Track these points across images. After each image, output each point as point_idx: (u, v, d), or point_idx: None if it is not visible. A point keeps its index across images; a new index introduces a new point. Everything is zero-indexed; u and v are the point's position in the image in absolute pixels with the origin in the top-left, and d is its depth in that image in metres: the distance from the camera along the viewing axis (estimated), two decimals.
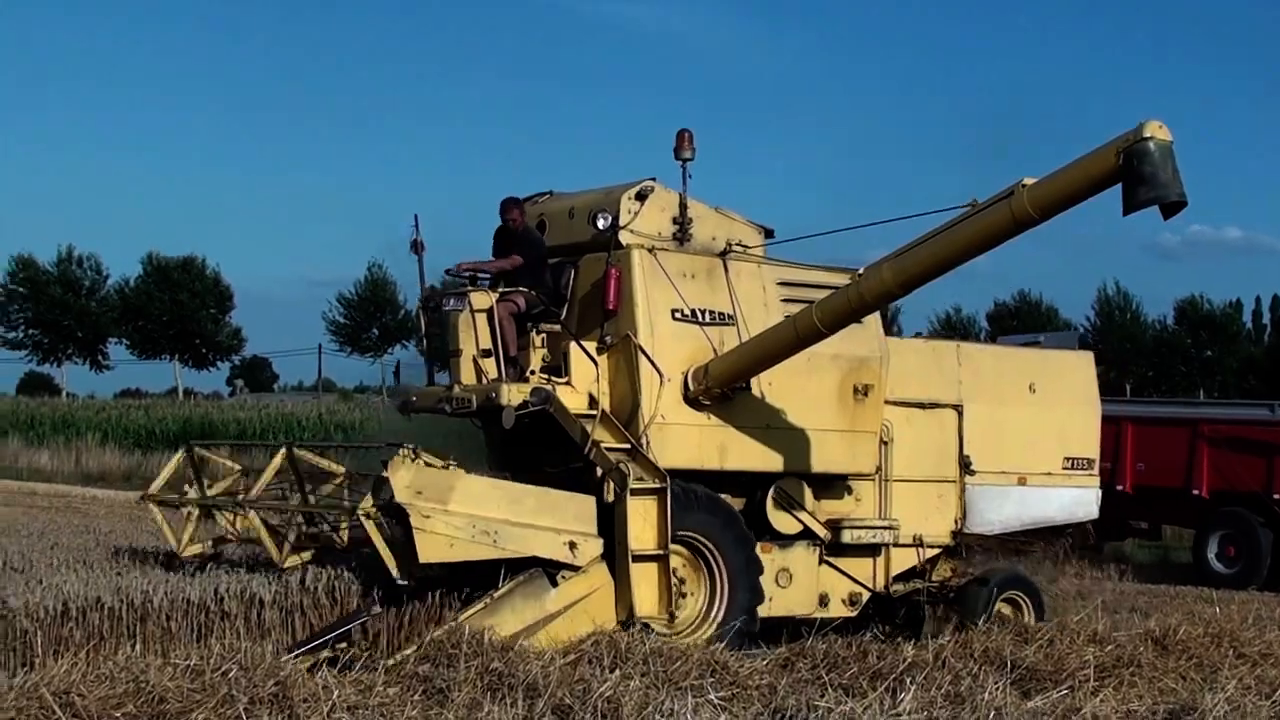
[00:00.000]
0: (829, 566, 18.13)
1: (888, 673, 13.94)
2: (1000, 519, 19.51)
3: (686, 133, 17.28)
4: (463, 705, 12.04)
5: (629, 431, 16.33)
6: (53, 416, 71.06)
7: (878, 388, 18.00)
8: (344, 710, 11.58)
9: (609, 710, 11.85)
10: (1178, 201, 13.91)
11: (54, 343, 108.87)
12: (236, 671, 12.08)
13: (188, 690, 11.66)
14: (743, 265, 17.51)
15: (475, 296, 16.80)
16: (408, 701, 12.10)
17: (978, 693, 12.77)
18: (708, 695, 12.57)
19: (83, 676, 11.74)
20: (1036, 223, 14.70)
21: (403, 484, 14.88)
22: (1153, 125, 13.86)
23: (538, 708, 11.92)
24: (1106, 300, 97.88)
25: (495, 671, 13.01)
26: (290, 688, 11.88)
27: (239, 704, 11.50)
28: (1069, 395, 20.33)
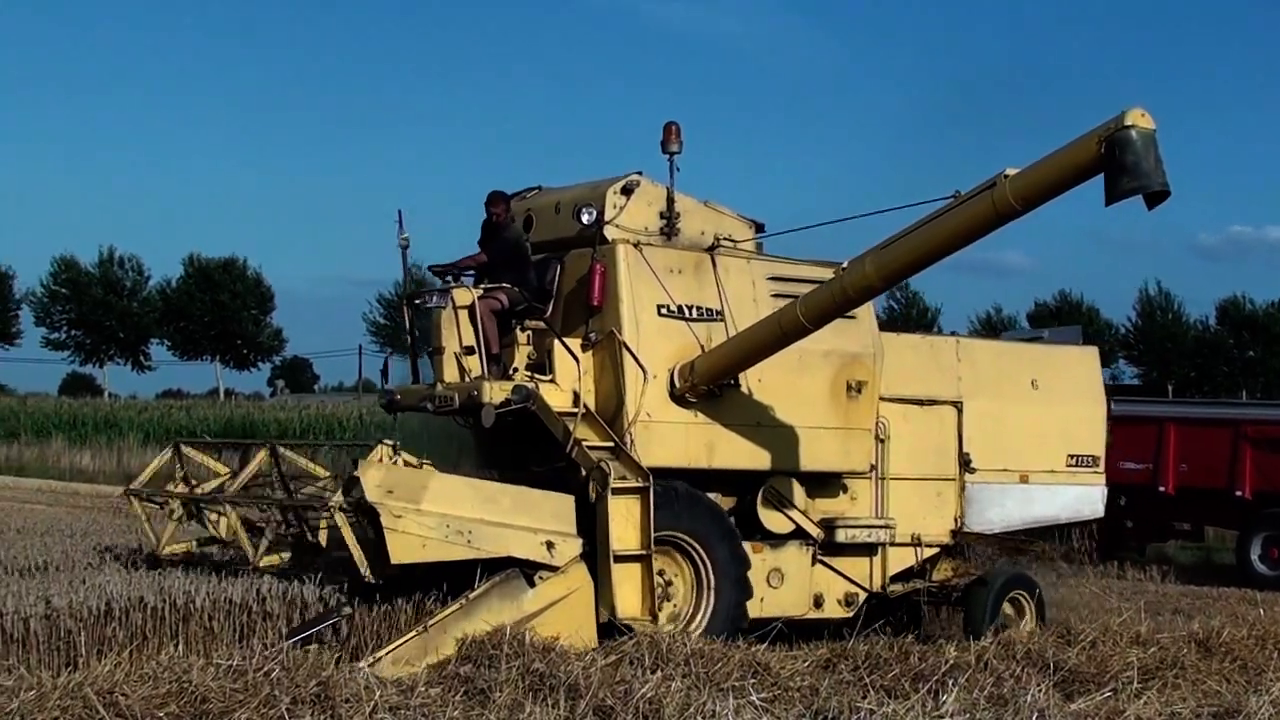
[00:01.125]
0: (824, 566, 17.87)
1: (930, 674, 13.90)
2: (1001, 518, 19.22)
3: (674, 126, 16.97)
4: (504, 706, 12.01)
5: (614, 429, 16.10)
6: (95, 417, 71.42)
7: (871, 384, 17.74)
8: (386, 710, 11.58)
9: (651, 711, 11.82)
10: (1161, 191, 13.63)
11: (96, 343, 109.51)
12: (279, 672, 12.11)
13: (230, 690, 11.68)
14: (731, 260, 17.28)
15: (457, 293, 16.62)
16: (449, 702, 12.09)
17: (1020, 695, 12.71)
18: (749, 696, 12.51)
19: (126, 676, 11.75)
20: (1019, 214, 14.43)
21: (373, 483, 14.66)
22: (1135, 113, 13.59)
23: (579, 709, 11.89)
24: (1148, 300, 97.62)
25: (536, 672, 13.01)
26: (332, 688, 11.90)
27: (281, 704, 11.50)
28: (1073, 391, 19.97)
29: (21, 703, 10.99)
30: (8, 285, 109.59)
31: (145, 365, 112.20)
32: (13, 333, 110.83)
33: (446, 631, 14.18)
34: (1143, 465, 32.42)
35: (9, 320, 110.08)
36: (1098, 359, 20.61)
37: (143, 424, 67.57)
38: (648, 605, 15.47)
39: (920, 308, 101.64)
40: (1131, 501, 32.81)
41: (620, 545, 15.33)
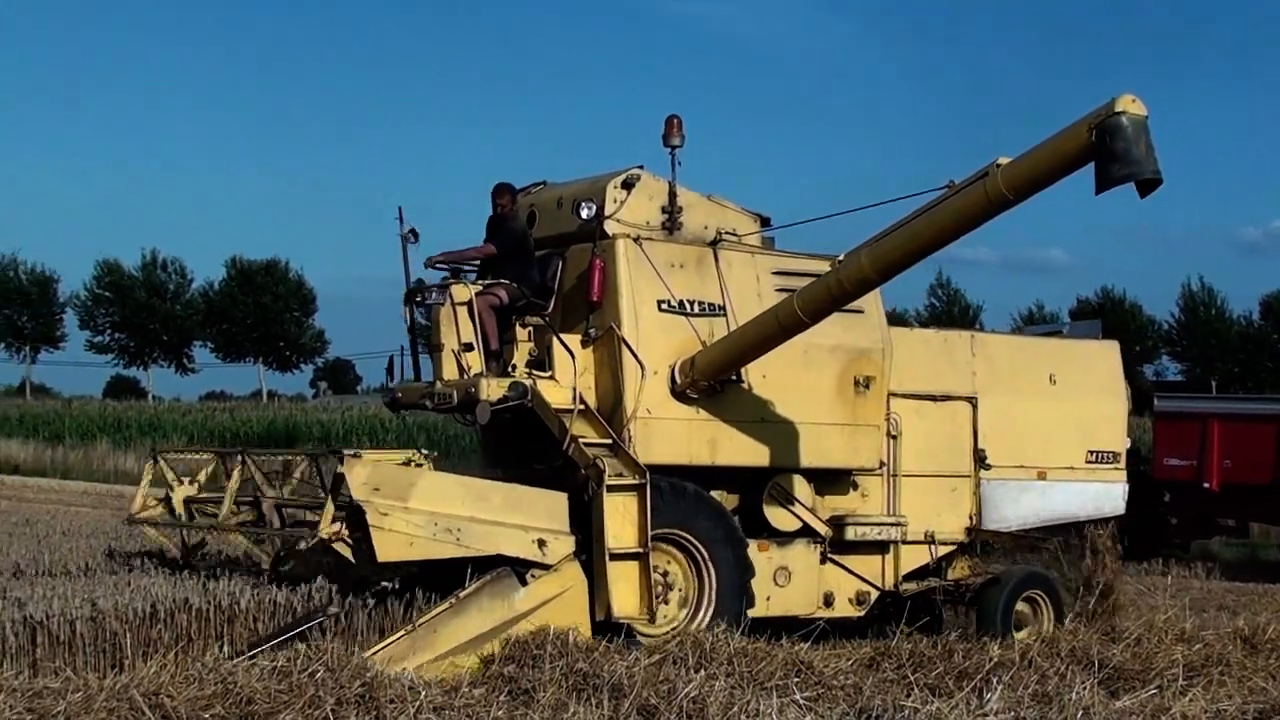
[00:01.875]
0: (834, 565, 17.57)
1: (974, 672, 13.87)
2: (1018, 515, 18.89)
3: (675, 119, 16.79)
4: (548, 706, 12.04)
5: (613, 426, 15.90)
6: (139, 419, 71.74)
7: (880, 380, 17.43)
8: (430, 711, 11.61)
9: (694, 710, 11.82)
10: (1152, 179, 13.33)
11: (140, 346, 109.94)
12: (323, 673, 12.17)
13: (275, 691, 11.74)
14: (735, 254, 17.03)
15: (456, 289, 16.43)
16: (493, 702, 12.12)
17: (1065, 692, 12.67)
18: (793, 695, 12.50)
19: (171, 678, 11.83)
20: (1012, 204, 14.14)
21: (359, 481, 14.46)
22: (1125, 99, 13.32)
23: (623, 708, 11.89)
24: (1191, 296, 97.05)
25: (580, 672, 13.03)
26: (377, 688, 11.96)
27: (326, 705, 11.57)
28: (1092, 386, 19.61)
29: (68, 704, 11.07)
30: (52, 289, 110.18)
31: (189, 368, 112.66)
32: (57, 336, 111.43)
33: (436, 630, 14.05)
34: (1187, 462, 32.32)
35: (53, 324, 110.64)
36: (1119, 353, 20.26)
37: (186, 426, 67.85)
38: (645, 604, 15.23)
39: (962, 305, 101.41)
40: (1176, 498, 32.76)
41: (616, 543, 15.13)
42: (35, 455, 62.13)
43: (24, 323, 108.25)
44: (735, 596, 16.14)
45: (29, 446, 63.41)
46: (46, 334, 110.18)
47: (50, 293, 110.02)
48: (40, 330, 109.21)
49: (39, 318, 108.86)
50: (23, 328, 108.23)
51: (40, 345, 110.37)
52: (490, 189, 17.05)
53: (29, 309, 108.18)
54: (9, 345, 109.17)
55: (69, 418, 73.86)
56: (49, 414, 76.75)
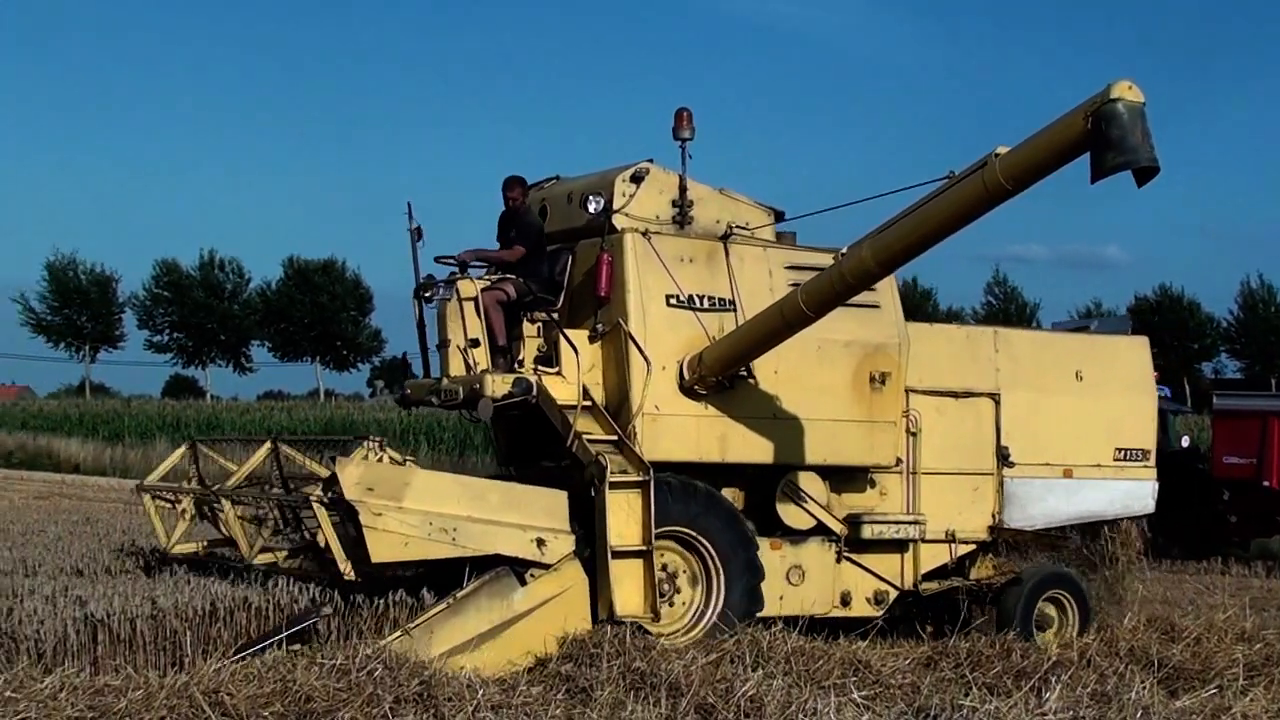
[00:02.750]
0: (851, 563, 17.25)
1: (1032, 671, 13.88)
2: (1043, 513, 18.51)
3: (685, 111, 16.50)
4: (606, 704, 12.04)
5: (621, 422, 15.69)
6: (198, 419, 71.97)
7: (896, 375, 17.12)
8: (488, 709, 11.67)
9: (752, 709, 11.84)
10: (1149, 167, 12.94)
11: (198, 346, 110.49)
12: (381, 671, 12.25)
13: (334, 689, 11.83)
14: (746, 249, 16.74)
15: (462, 285, 16.25)
16: (551, 700, 12.18)
17: (1124, 692, 12.63)
18: (850, 694, 12.52)
19: (231, 676, 11.93)
20: (1010, 194, 13.81)
21: (352, 480, 14.27)
22: (1121, 86, 12.95)
23: (680, 706, 11.91)
24: (1250, 293, 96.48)
25: (638, 670, 13.04)
26: (435, 686, 12.02)
27: (384, 702, 11.65)
28: (1121, 383, 19.15)
29: (129, 702, 11.18)
30: (111, 289, 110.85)
31: (246, 367, 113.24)
32: (116, 336, 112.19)
33: (433, 631, 13.91)
34: (1246, 460, 32.05)
35: (113, 323, 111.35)
36: (1148, 349, 19.77)
37: (244, 425, 67.97)
38: (649, 602, 15.04)
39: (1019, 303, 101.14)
40: (1235, 496, 32.49)
41: (619, 541, 14.93)
42: (95, 454, 62.36)
43: (84, 322, 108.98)
44: (744, 595, 15.91)
45: (89, 446, 63.66)
46: (106, 334, 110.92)
47: (109, 293, 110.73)
48: (100, 330, 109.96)
49: (98, 318, 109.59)
50: (82, 327, 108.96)
51: (100, 345, 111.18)
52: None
53: (88, 309, 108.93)
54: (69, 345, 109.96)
55: (128, 417, 74.16)
56: (108, 413, 77.12)
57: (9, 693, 11.10)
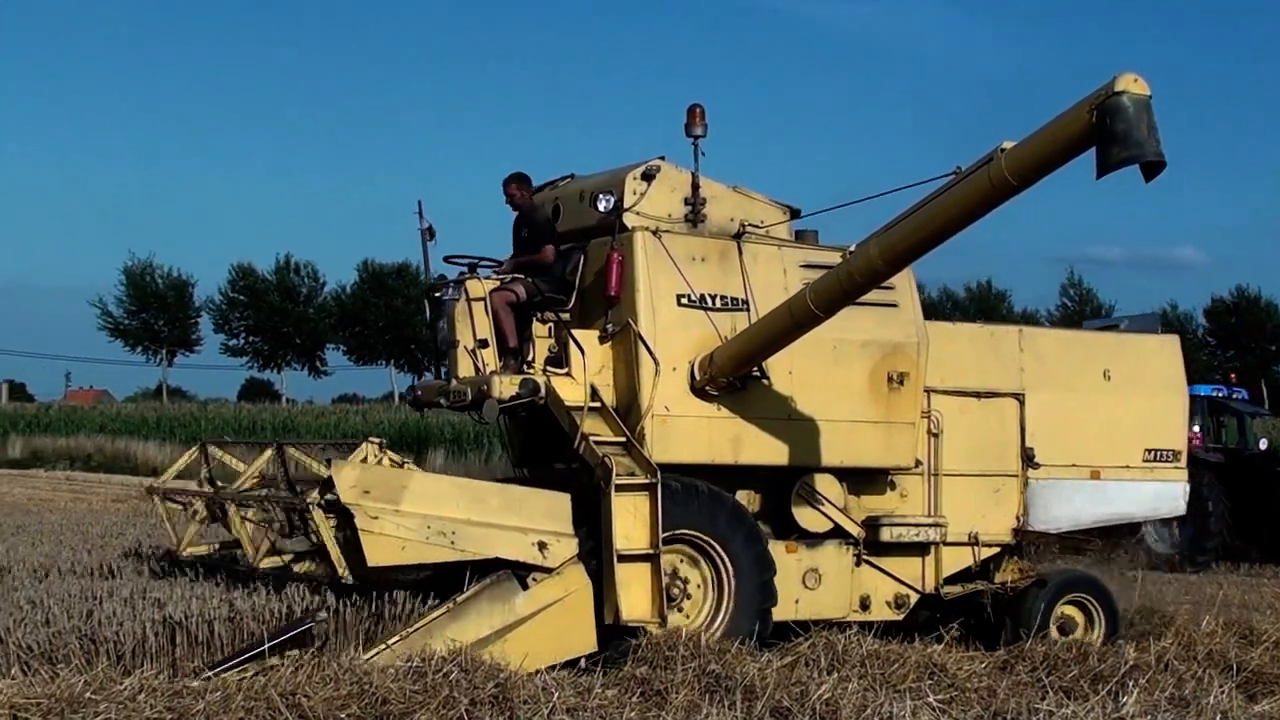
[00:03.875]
0: (870, 567, 16.98)
1: (1109, 675, 13.82)
2: (1070, 515, 18.12)
3: (698, 108, 16.22)
4: (681, 707, 12.07)
5: (630, 424, 15.48)
6: (273, 422, 72.38)
7: (914, 375, 16.79)
8: (564, 712, 11.66)
9: (827, 713, 11.83)
10: (1155, 161, 12.64)
11: (273, 349, 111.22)
12: (457, 673, 12.31)
13: (410, 692, 11.89)
14: (760, 247, 16.48)
15: (471, 285, 16.08)
16: (626, 704, 12.15)
17: (1202, 696, 12.61)
18: (926, 698, 12.46)
19: (308, 678, 11.98)
20: (1016, 190, 13.50)
21: (348, 483, 14.10)
22: (1127, 78, 12.62)
23: (756, 710, 11.90)
24: None
25: (713, 673, 13.04)
26: (510, 689, 12.05)
27: (460, 705, 11.69)
28: (1150, 383, 18.73)
29: (207, 704, 11.27)
30: (188, 293, 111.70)
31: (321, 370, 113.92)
32: (193, 340, 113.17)
33: (432, 636, 13.69)
34: None
35: (189, 327, 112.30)
36: (1179, 348, 19.28)
37: (319, 429, 68.31)
38: (657, 607, 14.72)
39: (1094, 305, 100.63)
40: None
41: (626, 544, 14.65)
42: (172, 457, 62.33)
43: (161, 326, 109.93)
44: (756, 597, 15.66)
45: (166, 449, 64.07)
46: (182, 337, 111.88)
47: (186, 297, 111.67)
48: (176, 334, 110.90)
49: (175, 322, 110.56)
50: (159, 331, 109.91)
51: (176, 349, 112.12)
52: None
53: (165, 313, 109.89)
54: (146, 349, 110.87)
55: (204, 420, 74.76)
56: (185, 416, 77.75)
57: (89, 694, 11.19)
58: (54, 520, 27.93)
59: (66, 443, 70.39)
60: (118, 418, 78.84)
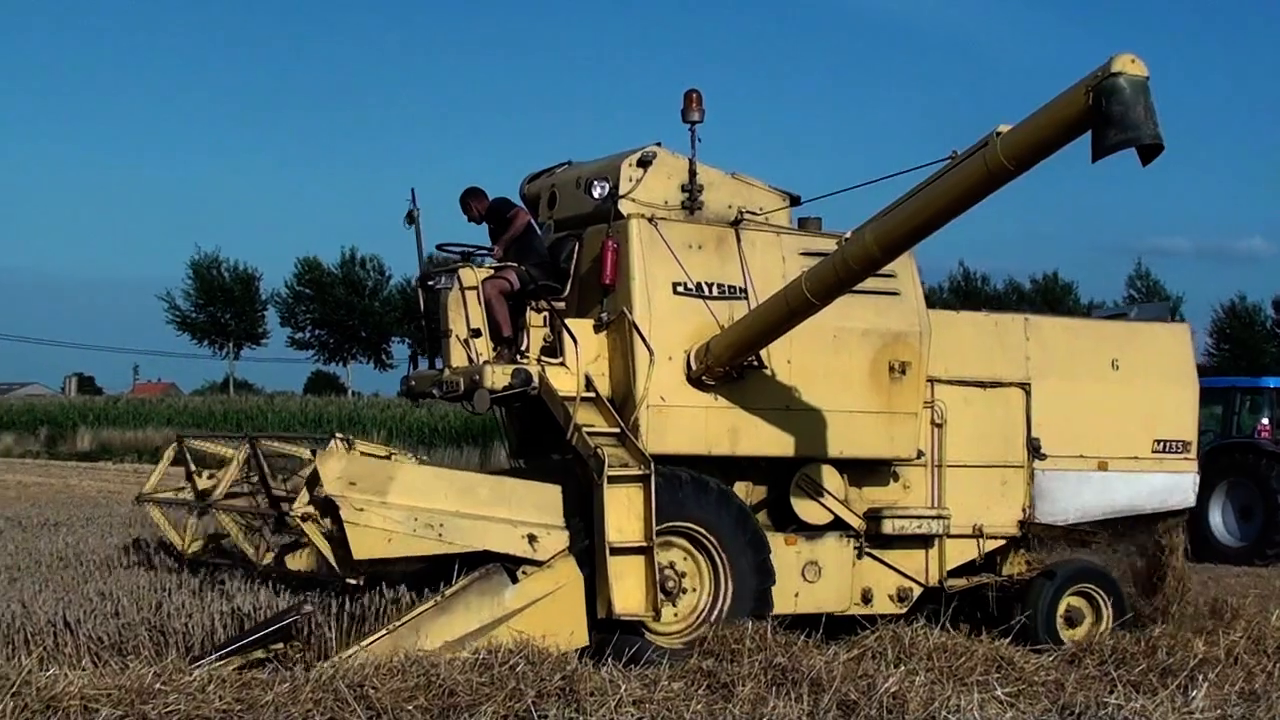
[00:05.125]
0: (872, 559, 16.59)
1: (1178, 669, 13.65)
2: (1077, 507, 17.71)
3: (695, 93, 15.88)
4: (747, 700, 11.88)
5: (625, 414, 15.10)
6: (339, 415, 72.51)
7: (917, 365, 16.40)
8: (630, 704, 11.52)
9: (894, 705, 11.68)
10: (1153, 144, 12.19)
11: (339, 343, 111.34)
12: (523, 665, 12.31)
13: (477, 683, 11.86)
14: (758, 235, 16.08)
15: (464, 273, 15.77)
16: (693, 696, 12.03)
17: (1273, 690, 12.53)
18: (994, 691, 12.33)
19: (375, 670, 12.00)
20: (1012, 174, 13.04)
21: (333, 475, 13.73)
22: (1124, 59, 12.15)
23: (822, 702, 11.72)
24: None
25: (779, 666, 12.93)
26: (577, 681, 11.99)
27: (527, 697, 11.64)
28: (1160, 372, 18.29)
29: (275, 695, 11.28)
30: (254, 287, 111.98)
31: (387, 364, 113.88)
32: (259, 333, 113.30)
33: (419, 630, 13.36)
34: None
35: (256, 321, 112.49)
36: (1189, 337, 18.95)
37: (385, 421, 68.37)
38: (650, 600, 14.30)
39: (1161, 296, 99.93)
40: None
41: (619, 536, 14.24)
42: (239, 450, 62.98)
43: (227, 320, 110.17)
44: (753, 588, 15.30)
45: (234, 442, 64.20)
46: (249, 331, 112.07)
47: (252, 290, 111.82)
48: (243, 327, 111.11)
49: (242, 315, 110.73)
50: (226, 325, 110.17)
51: (243, 342, 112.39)
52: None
53: (232, 306, 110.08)
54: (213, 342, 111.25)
55: (271, 413, 74.91)
56: (251, 409, 77.90)
57: (158, 685, 11.19)
58: (122, 512, 28.00)
59: (134, 435, 70.81)
60: (185, 411, 79.24)
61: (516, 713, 11.46)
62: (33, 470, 54.88)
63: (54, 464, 59.04)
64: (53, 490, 41.17)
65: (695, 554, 15.26)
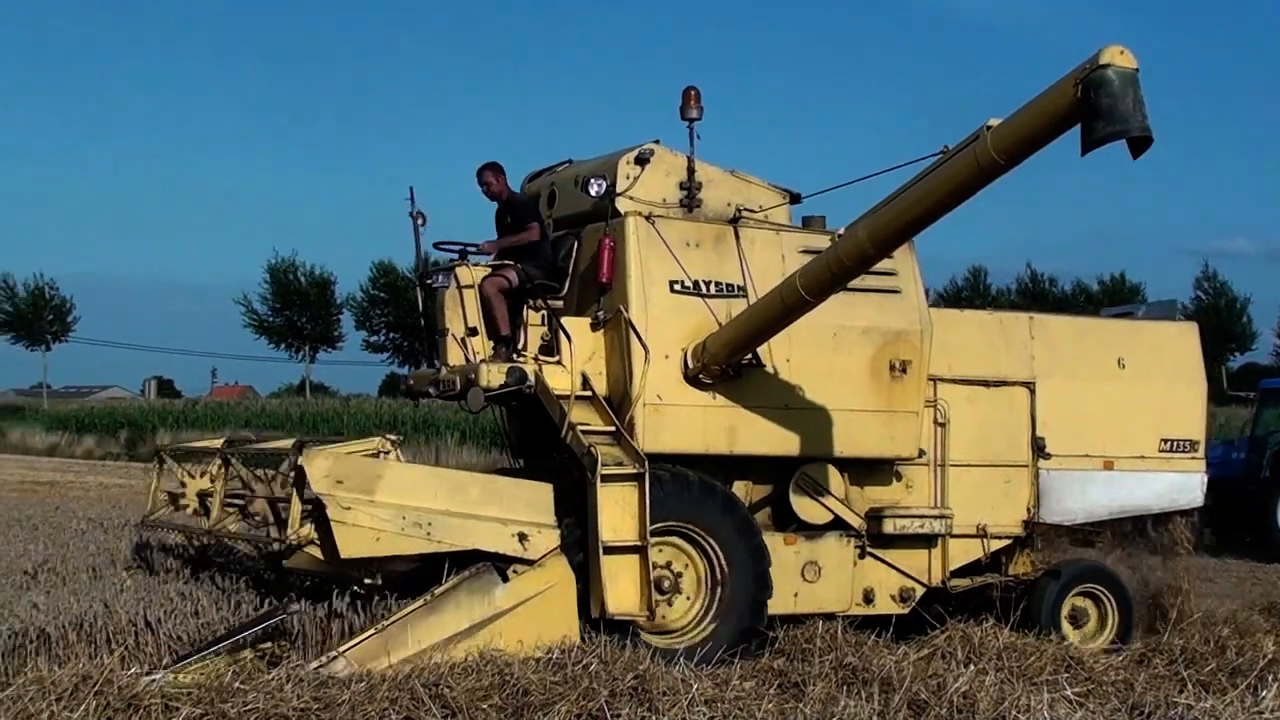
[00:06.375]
0: (875, 559, 16.07)
1: (1247, 670, 13.58)
2: (1083, 507, 17.18)
3: (693, 90, 15.38)
4: (818, 699, 11.72)
5: (621, 413, 14.61)
6: (414, 417, 72.52)
7: (918, 364, 15.84)
8: (702, 704, 11.38)
9: (964, 705, 11.54)
10: (1142, 136, 11.75)
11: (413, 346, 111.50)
12: (597, 665, 12.21)
13: (550, 683, 11.80)
14: (757, 232, 15.55)
15: (461, 272, 15.40)
16: (764, 695, 11.93)
17: None
18: (1064, 690, 12.22)
19: (451, 669, 12.02)
20: (1003, 169, 12.54)
21: (320, 474, 13.26)
22: (1112, 51, 11.70)
23: (893, 702, 11.57)
24: None
25: (849, 666, 12.84)
26: (649, 681, 11.92)
27: (600, 696, 11.53)
28: (1167, 371, 17.71)
29: (352, 694, 11.29)
30: (330, 291, 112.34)
31: None
32: (334, 336, 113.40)
33: (409, 629, 12.93)
34: None
35: (331, 324, 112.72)
36: (1197, 336, 18.20)
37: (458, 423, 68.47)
38: (645, 600, 13.81)
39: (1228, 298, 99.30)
40: None
41: (613, 536, 13.77)
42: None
43: (304, 324, 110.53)
44: (751, 588, 14.82)
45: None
46: (325, 334, 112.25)
47: (328, 294, 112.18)
48: (319, 331, 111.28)
49: (318, 319, 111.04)
50: (302, 328, 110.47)
51: (319, 345, 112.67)
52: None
53: (308, 310, 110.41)
54: (289, 346, 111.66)
55: (347, 415, 75.12)
56: (327, 411, 78.15)
57: (238, 684, 11.26)
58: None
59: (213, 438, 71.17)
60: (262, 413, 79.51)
61: (590, 712, 11.30)
62: (113, 472, 55.11)
63: (134, 465, 59.20)
64: (133, 491, 41.23)
65: (694, 557, 14.81)
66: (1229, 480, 31.40)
